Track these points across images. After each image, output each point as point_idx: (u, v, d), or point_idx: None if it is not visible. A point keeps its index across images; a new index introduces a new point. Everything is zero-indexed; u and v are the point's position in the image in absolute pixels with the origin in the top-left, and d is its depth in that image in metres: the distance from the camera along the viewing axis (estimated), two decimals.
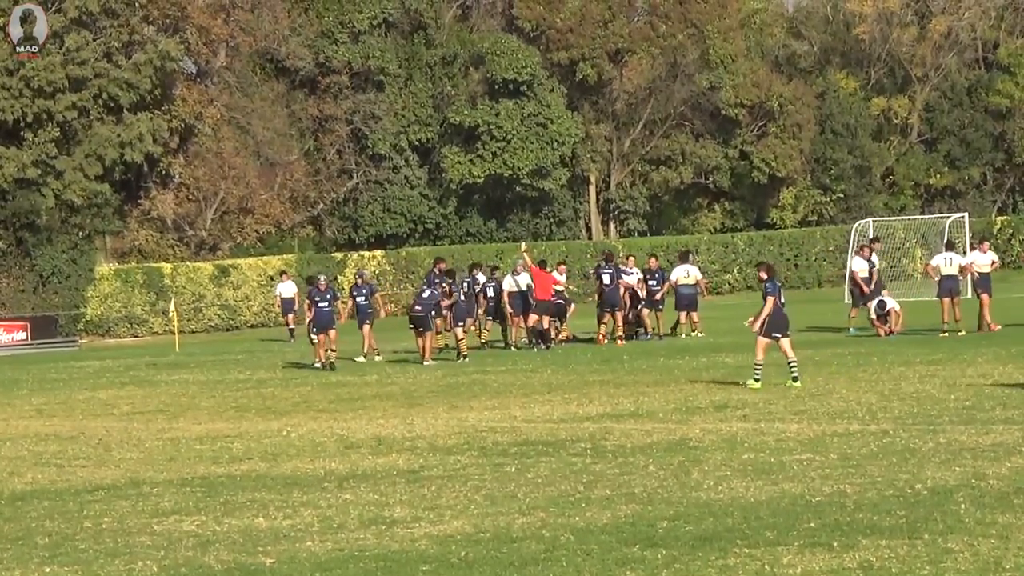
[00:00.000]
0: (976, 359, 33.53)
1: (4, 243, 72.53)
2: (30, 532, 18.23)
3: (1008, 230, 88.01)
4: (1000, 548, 14.09)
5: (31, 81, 71.58)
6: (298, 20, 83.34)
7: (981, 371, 30.85)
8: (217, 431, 28.31)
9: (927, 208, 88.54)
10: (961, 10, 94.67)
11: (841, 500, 17.11)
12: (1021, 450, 20.02)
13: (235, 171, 79.65)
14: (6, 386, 43.79)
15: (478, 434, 25.36)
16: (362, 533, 16.84)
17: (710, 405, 27.80)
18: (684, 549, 14.85)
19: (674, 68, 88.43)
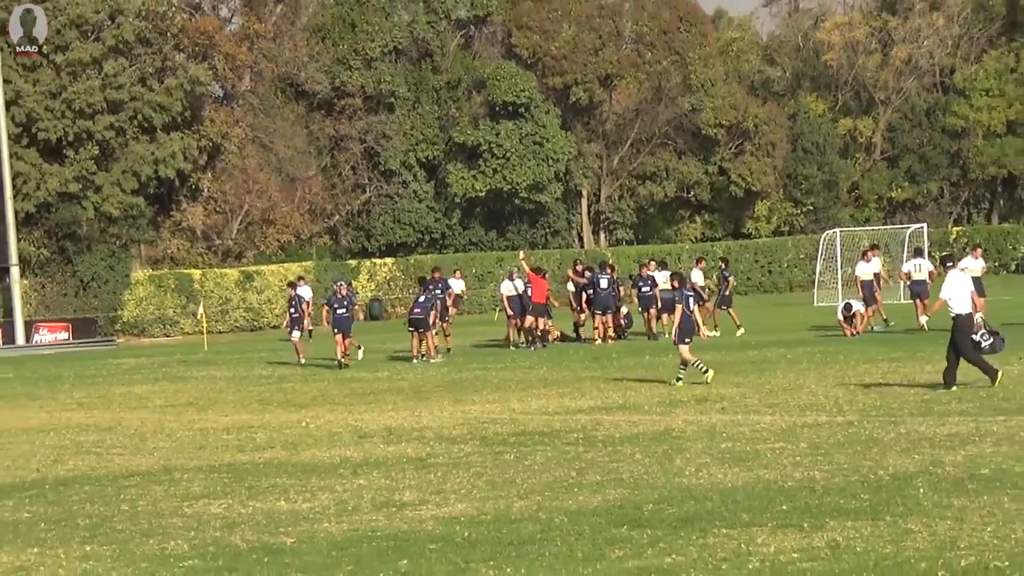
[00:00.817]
0: (934, 357, 33.44)
1: (48, 251, 72.52)
2: (72, 514, 18.24)
3: (963, 240, 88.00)
4: (955, 529, 14.10)
5: (72, 103, 71.56)
6: (316, 48, 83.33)
7: (938, 368, 30.74)
8: (242, 422, 28.32)
9: (889, 219, 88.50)
10: (920, 39, 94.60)
11: (810, 485, 17.11)
12: (975, 440, 20.01)
13: (258, 186, 79.64)
14: (50, 381, 43.78)
15: (480, 425, 25.36)
16: (374, 515, 16.85)
17: (691, 399, 27.79)
18: (668, 530, 14.86)
19: (659, 92, 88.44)
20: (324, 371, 40.83)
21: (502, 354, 43.97)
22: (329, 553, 14.74)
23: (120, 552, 15.45)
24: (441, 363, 40.74)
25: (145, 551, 15.44)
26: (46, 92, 71.74)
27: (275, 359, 44.61)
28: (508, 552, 14.22)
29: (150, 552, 15.37)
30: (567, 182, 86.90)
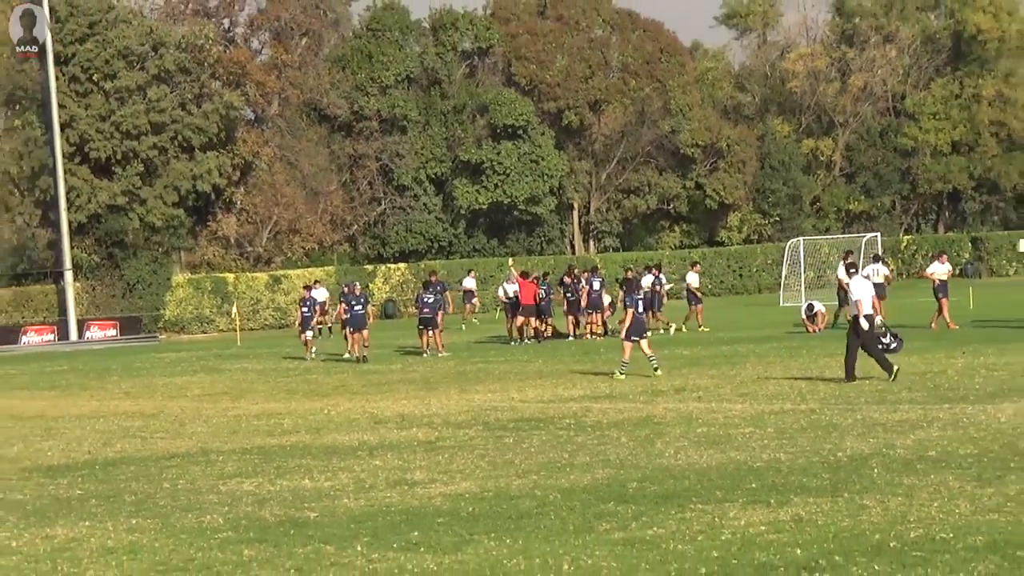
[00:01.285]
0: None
1: (98, 257, 72.57)
2: (119, 491, 18.26)
3: (913, 247, 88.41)
4: (906, 504, 14.12)
5: (120, 125, 71.65)
6: (336, 76, 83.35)
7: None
8: (271, 410, 28.34)
9: (847, 229, 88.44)
10: (875, 68, 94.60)
11: (777, 465, 17.13)
12: (923, 425, 20.03)
13: (285, 199, 79.69)
14: (100, 373, 43.79)
15: (483, 412, 25.37)
16: (388, 492, 16.86)
17: (670, 389, 27.80)
18: (649, 505, 14.88)
19: (642, 115, 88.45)
20: (344, 364, 40.86)
21: (503, 349, 43.98)
22: (348, 526, 14.76)
23: (162, 525, 15.47)
24: (448, 357, 40.72)
25: (184, 524, 15.46)
26: (97, 115, 71.78)
27: (300, 354, 44.58)
28: (507, 525, 14.24)
29: (189, 525, 15.39)
30: (560, 196, 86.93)
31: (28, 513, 16.92)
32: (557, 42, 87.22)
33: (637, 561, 12.27)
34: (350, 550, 13.47)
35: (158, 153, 72.97)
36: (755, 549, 12.46)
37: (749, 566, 11.83)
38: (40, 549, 14.53)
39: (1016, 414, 20.69)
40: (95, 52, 71.96)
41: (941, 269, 41.55)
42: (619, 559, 12.39)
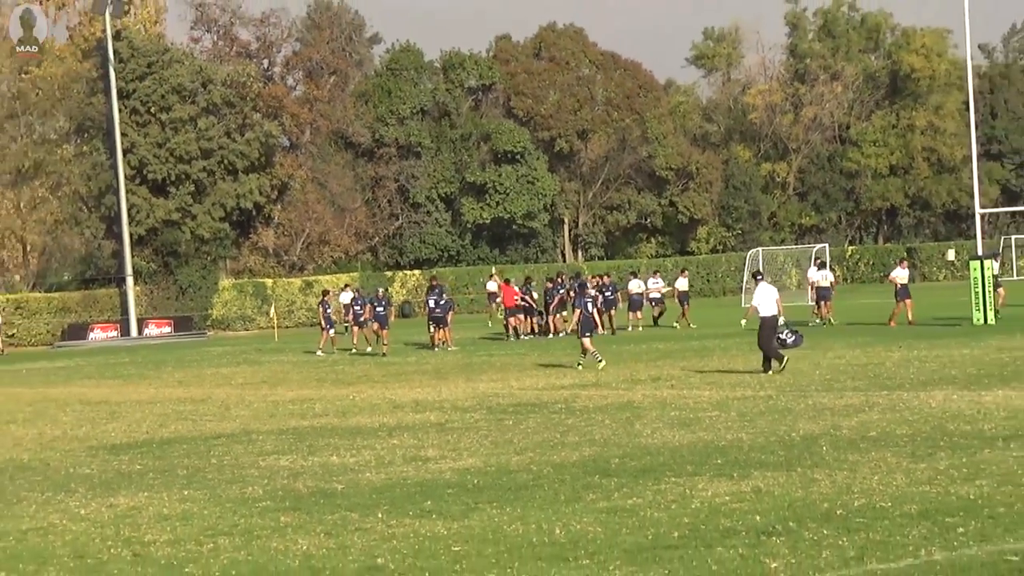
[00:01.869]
0: (834, 346, 33.58)
1: (155, 265, 72.64)
2: (173, 466, 18.29)
3: (856, 256, 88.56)
4: (850, 477, 14.14)
5: (174, 151, 71.75)
6: (360, 109, 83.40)
7: (838, 354, 30.91)
8: (303, 396, 28.38)
9: (800, 240, 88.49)
10: (823, 102, 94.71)
11: (739, 444, 17.16)
12: (865, 409, 20.07)
13: (316, 214, 79.74)
14: (156, 365, 43.84)
15: (486, 398, 25.41)
16: (405, 467, 16.89)
17: (648, 378, 27.85)
18: (629, 478, 14.91)
19: (623, 143, 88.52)
20: (367, 357, 40.90)
21: (503, 344, 44.01)
22: (370, 496, 14.77)
23: (210, 495, 15.49)
24: (456, 351, 40.75)
25: (229, 495, 15.48)
26: (154, 143, 71.85)
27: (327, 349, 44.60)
28: (507, 495, 14.26)
29: (233, 495, 15.41)
30: (552, 212, 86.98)
31: (95, 485, 16.95)
32: (550, 80, 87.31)
33: (619, 527, 12.29)
34: (372, 517, 13.49)
35: (207, 175, 73.02)
36: (720, 516, 12.48)
37: (715, 531, 11.85)
38: (105, 516, 14.55)
39: (945, 400, 20.74)
40: (152, 88, 72.04)
41: (902, 274, 41.61)
42: (603, 525, 12.40)
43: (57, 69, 74.30)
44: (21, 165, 73.26)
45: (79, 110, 74.04)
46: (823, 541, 11.17)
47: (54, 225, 73.30)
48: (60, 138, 76.10)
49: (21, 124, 74.49)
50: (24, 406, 30.12)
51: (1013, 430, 17.03)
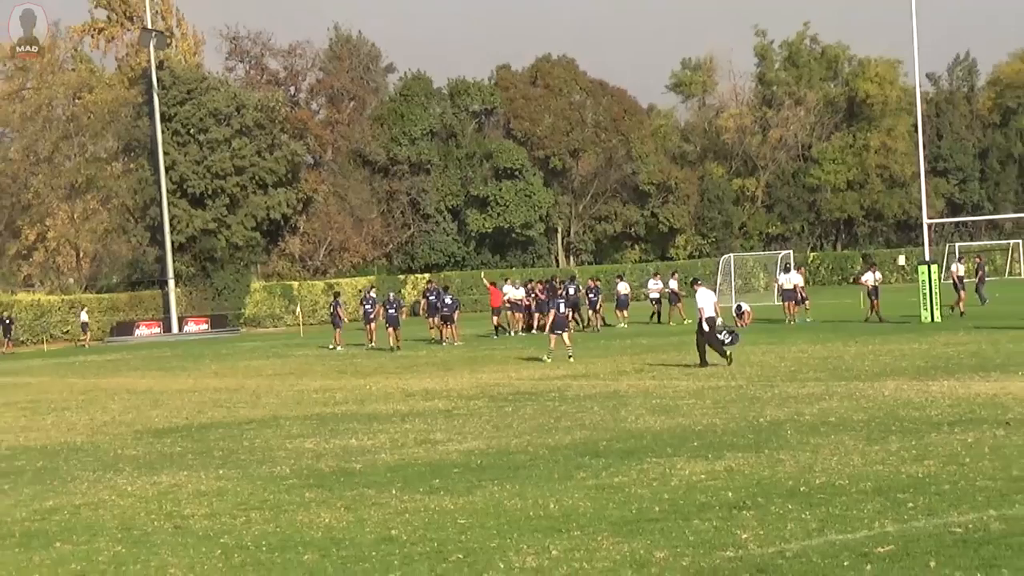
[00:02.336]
0: (797, 341, 33.58)
1: (193, 269, 72.74)
2: (209, 449, 18.28)
3: (817, 261, 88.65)
4: (812, 458, 14.12)
5: (211, 168, 71.90)
6: (376, 131, 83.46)
7: (800, 348, 30.91)
8: (326, 386, 28.37)
9: (767, 247, 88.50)
10: (788, 124, 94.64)
11: (713, 428, 17.14)
12: (825, 398, 20.05)
13: (337, 224, 79.83)
14: (195, 358, 43.86)
15: (488, 387, 25.39)
16: (416, 449, 16.88)
17: (632, 370, 27.83)
18: (615, 459, 14.89)
19: (610, 161, 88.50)
20: (382, 352, 40.88)
21: (503, 339, 43.99)
22: (385, 474, 14.77)
23: (243, 474, 15.48)
24: (462, 345, 40.74)
25: (259, 473, 15.48)
26: (193, 160, 71.91)
27: (348, 342, 44.59)
28: (507, 474, 14.25)
29: (263, 474, 15.40)
30: (547, 222, 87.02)
31: (140, 465, 16.95)
32: (545, 104, 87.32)
33: (606, 502, 12.28)
34: (386, 493, 13.48)
35: (240, 189, 73.10)
36: (696, 492, 12.47)
37: (692, 505, 11.84)
38: (149, 492, 14.55)
39: (896, 389, 20.73)
40: (192, 112, 72.10)
41: (874, 276, 41.51)
42: (592, 500, 12.40)
43: (107, 95, 74.42)
44: (75, 181, 73.36)
45: (126, 132, 74.12)
46: (788, 515, 11.17)
47: (104, 234, 73.37)
48: (109, 156, 76.21)
49: (75, 144, 74.55)
50: (77, 395, 30.14)
51: (957, 416, 17.02)
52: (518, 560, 10.08)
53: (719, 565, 9.53)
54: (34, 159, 73.11)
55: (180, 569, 10.54)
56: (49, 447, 19.61)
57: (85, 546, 11.71)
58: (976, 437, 14.99)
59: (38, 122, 72.66)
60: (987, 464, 13.12)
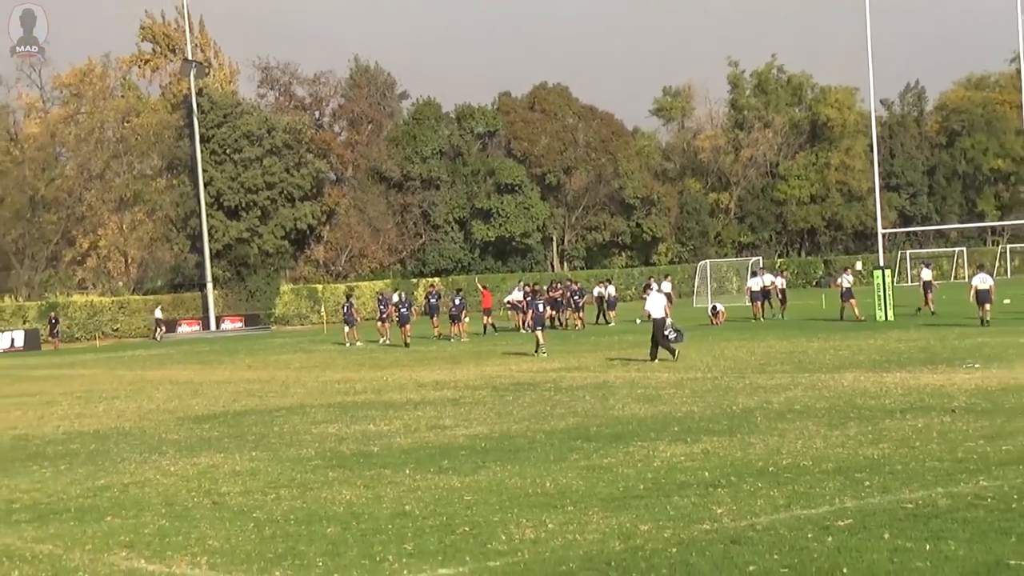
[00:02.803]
0: (767, 337, 33.58)
1: (229, 273, 72.67)
2: (243, 433, 18.27)
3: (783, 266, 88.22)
4: (779, 442, 14.11)
5: (244, 183, 71.86)
6: (392, 150, 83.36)
7: (768, 344, 30.91)
8: (347, 377, 28.37)
9: (739, 254, 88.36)
10: (758, 145, 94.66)
11: (691, 415, 17.15)
12: (791, 388, 20.05)
13: (357, 233, 79.77)
14: (231, 352, 43.85)
15: (492, 379, 25.40)
16: (427, 434, 16.88)
17: (619, 363, 27.83)
18: (605, 442, 14.89)
19: (599, 177, 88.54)
20: (397, 347, 40.85)
21: (504, 336, 43.96)
22: (400, 456, 14.76)
23: (273, 456, 15.48)
24: (468, 342, 40.70)
25: (288, 455, 15.47)
26: (228, 177, 71.90)
27: (367, 338, 44.59)
28: (508, 456, 14.24)
29: (291, 456, 15.40)
30: (544, 231, 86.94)
31: (181, 448, 16.95)
32: (541, 127, 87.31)
33: (596, 480, 12.28)
34: (401, 473, 13.47)
35: (270, 203, 73.09)
36: (677, 472, 12.47)
37: (672, 484, 11.84)
38: (190, 472, 14.55)
39: (854, 380, 20.74)
40: (227, 134, 72.09)
41: (848, 279, 41.32)
42: (584, 479, 12.39)
43: (152, 119, 74.46)
44: (124, 195, 73.41)
45: (169, 151, 74.13)
46: (758, 492, 11.16)
47: (150, 242, 73.40)
48: (154, 173, 76.20)
49: (124, 163, 74.57)
50: (126, 385, 30.15)
51: (908, 404, 17.03)
52: (518, 532, 10.07)
53: (697, 537, 9.53)
54: (87, 176, 73.13)
55: (217, 540, 10.53)
56: (100, 432, 19.61)
57: (133, 520, 11.71)
58: (925, 423, 15.00)
59: (91, 143, 72.69)
60: (935, 447, 13.12)
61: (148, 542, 10.66)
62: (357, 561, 9.43)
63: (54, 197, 71.14)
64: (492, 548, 9.57)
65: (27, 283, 70.51)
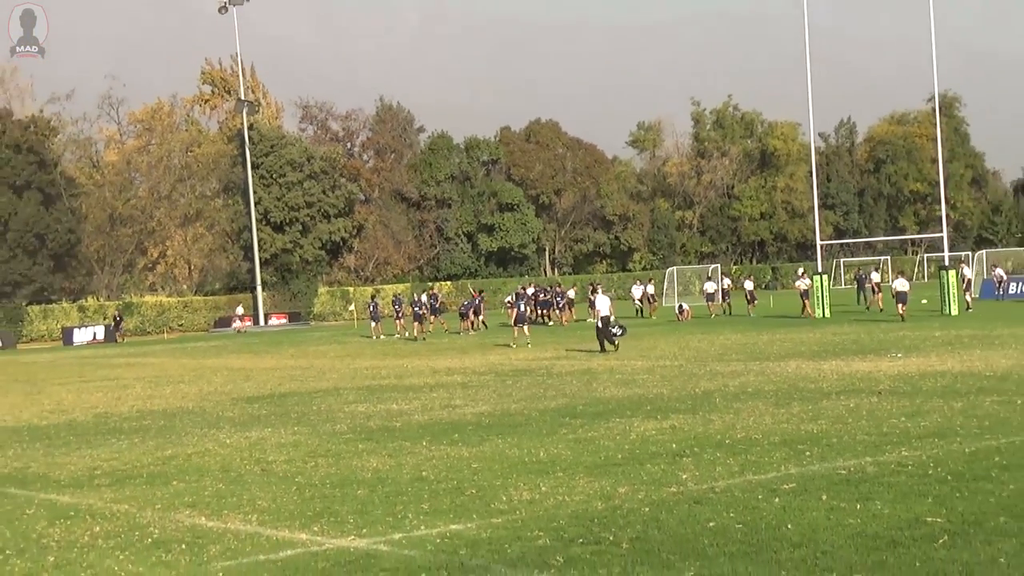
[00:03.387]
0: (725, 331, 33.55)
1: (275, 278, 72.55)
2: (287, 411, 18.26)
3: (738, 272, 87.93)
4: (735, 419, 14.11)
5: (288, 203, 71.79)
6: (411, 175, 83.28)
7: (728, 337, 30.88)
8: (374, 365, 28.34)
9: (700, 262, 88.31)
10: (716, 171, 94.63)
11: (661, 396, 17.13)
12: (744, 374, 20.03)
13: (382, 245, 79.69)
14: (277, 344, 43.78)
15: (495, 366, 25.38)
16: (440, 412, 16.86)
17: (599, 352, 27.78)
18: (589, 419, 14.88)
19: (584, 197, 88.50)
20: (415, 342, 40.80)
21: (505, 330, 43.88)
22: (417, 431, 14.75)
23: (312, 431, 15.47)
24: (475, 335, 40.61)
25: (324, 430, 15.46)
26: (275, 197, 71.83)
27: (389, 332, 44.51)
28: (508, 431, 14.23)
29: (327, 431, 15.39)
30: (538, 243, 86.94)
31: (235, 423, 16.93)
32: (536, 156, 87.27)
33: (581, 451, 12.27)
34: (419, 445, 13.46)
35: (310, 219, 73.02)
36: (649, 444, 12.46)
37: (645, 453, 11.84)
38: (242, 444, 14.54)
39: (797, 367, 20.72)
40: (273, 161, 72.02)
41: (805, 283, 40.70)
42: (571, 450, 12.38)
43: (211, 149, 74.55)
44: (187, 212, 73.41)
45: (225, 176, 74.11)
46: (716, 461, 11.16)
47: (209, 252, 73.40)
48: (213, 195, 76.18)
49: (187, 186, 74.61)
50: (189, 372, 30.12)
51: (842, 387, 17.02)
52: (516, 494, 10.06)
53: (665, 498, 9.53)
54: (157, 196, 73.14)
55: (265, 501, 10.52)
56: (167, 410, 19.60)
57: (194, 484, 11.71)
58: (856, 403, 14.99)
59: (160, 169, 72.76)
60: (864, 423, 13.12)
61: (207, 502, 10.66)
62: (382, 518, 9.43)
63: (129, 214, 71.22)
64: (495, 507, 9.56)
65: (107, 286, 70.64)
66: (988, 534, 7.73)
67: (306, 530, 9.19)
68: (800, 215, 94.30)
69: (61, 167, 68.32)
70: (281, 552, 8.46)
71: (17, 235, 62.97)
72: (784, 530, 8.16)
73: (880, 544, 7.63)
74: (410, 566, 7.79)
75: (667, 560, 7.52)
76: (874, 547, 7.57)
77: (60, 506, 10.90)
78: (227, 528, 9.47)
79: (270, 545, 8.72)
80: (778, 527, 8.25)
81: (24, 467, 13.62)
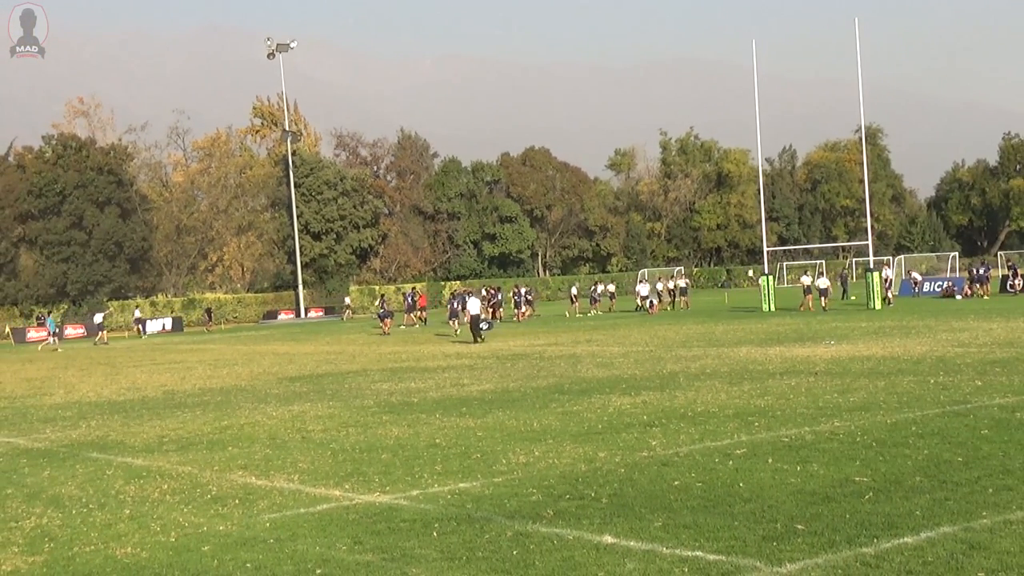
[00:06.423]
0: (688, 322, 33.47)
1: (314, 278, 72.45)
2: (323, 388, 18.22)
3: (698, 274, 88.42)
4: (695, 395, 14.07)
5: (325, 216, 71.62)
6: (427, 193, 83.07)
7: (689, 328, 30.81)
8: (395, 351, 28.27)
9: (668, 265, 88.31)
10: (681, 189, 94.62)
11: (634, 376, 17.08)
12: (704, 358, 19.96)
13: (402, 251, 79.56)
14: (314, 333, 43.69)
15: (497, 351, 25.30)
16: (450, 390, 16.82)
17: (583, 340, 27.71)
18: (574, 395, 14.84)
19: (571, 211, 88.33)
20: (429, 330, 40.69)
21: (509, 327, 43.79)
22: (432, 405, 14.72)
23: (344, 405, 15.42)
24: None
25: (353, 404, 15.42)
26: (313, 211, 71.69)
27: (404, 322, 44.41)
28: (507, 405, 14.20)
29: (357, 405, 15.34)
30: (532, 249, 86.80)
31: (280, 399, 16.89)
32: (531, 177, 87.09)
33: (568, 422, 12.24)
34: (433, 417, 13.43)
35: (342, 229, 72.85)
36: (624, 416, 12.43)
37: (621, 424, 11.81)
38: (286, 416, 14.50)
39: (747, 352, 20.67)
40: (312, 181, 71.89)
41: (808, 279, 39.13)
42: (560, 421, 12.35)
43: (260, 171, 74.41)
44: (241, 224, 73.22)
45: (272, 193, 73.95)
46: (681, 431, 11.13)
47: (259, 257, 73.28)
48: (262, 209, 75.99)
49: (241, 202, 74.45)
50: (241, 356, 30.04)
51: (785, 369, 16.99)
52: (514, 458, 10.04)
53: (638, 461, 9.51)
54: (215, 211, 73.06)
55: (305, 463, 10.50)
56: (224, 388, 19.56)
57: (246, 449, 11.68)
58: (796, 382, 14.97)
59: (218, 188, 72.73)
60: (803, 399, 13.10)
61: (257, 464, 10.64)
62: (402, 478, 9.41)
63: (192, 225, 71.20)
64: (496, 469, 9.53)
65: (173, 285, 70.69)
66: (906, 491, 7.73)
67: (339, 488, 9.17)
68: (750, 226, 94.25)
69: (136, 186, 68.41)
70: (318, 506, 8.46)
71: (99, 243, 63.18)
72: (737, 488, 8.14)
73: (816, 499, 7.63)
74: (425, 517, 7.79)
75: (639, 513, 7.52)
76: (811, 502, 7.57)
77: (134, 468, 10.89)
78: (273, 486, 9.45)
79: (309, 500, 8.71)
80: (732, 485, 8.24)
81: (104, 435, 13.60)
